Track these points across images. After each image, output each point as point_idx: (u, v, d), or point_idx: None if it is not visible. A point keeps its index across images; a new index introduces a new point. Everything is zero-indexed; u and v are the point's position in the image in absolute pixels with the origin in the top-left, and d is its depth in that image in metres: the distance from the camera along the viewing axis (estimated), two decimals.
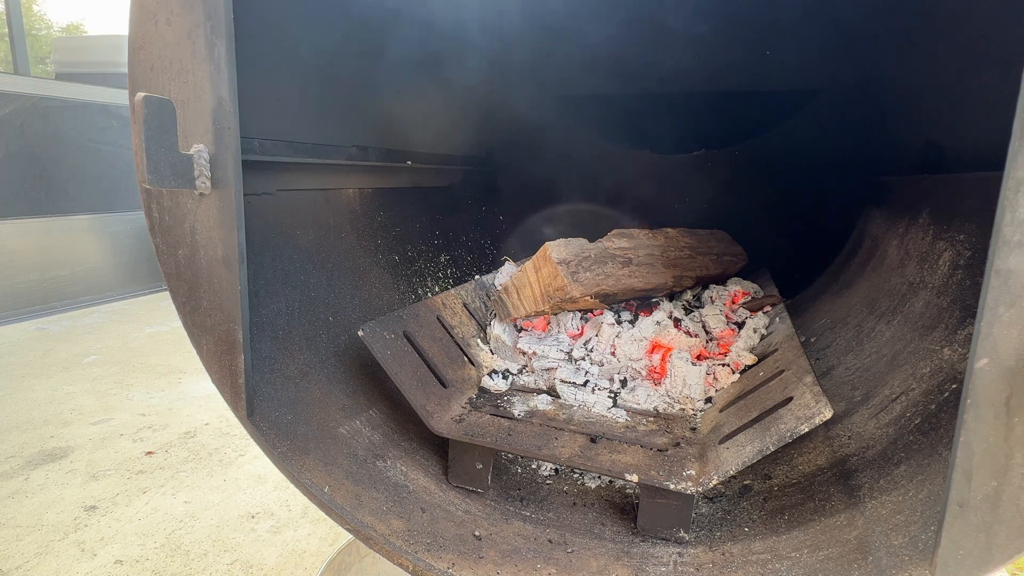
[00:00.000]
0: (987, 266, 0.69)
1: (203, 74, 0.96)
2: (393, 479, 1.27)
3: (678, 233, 2.14)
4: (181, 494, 2.91)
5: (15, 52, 7.03)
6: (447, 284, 2.19)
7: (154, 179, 0.91)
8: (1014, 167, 0.66)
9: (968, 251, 1.31)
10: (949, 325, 1.24)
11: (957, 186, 1.48)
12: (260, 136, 1.34)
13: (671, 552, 1.11)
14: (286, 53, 1.43)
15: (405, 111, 2.05)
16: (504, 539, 1.17)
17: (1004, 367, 0.69)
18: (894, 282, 1.64)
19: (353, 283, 1.68)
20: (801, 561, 0.99)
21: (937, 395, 1.12)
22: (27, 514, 2.73)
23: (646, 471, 1.16)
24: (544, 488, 1.38)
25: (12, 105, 5.89)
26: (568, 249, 1.67)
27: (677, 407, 1.51)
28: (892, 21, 1.87)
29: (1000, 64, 1.31)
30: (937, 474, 0.97)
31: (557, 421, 1.42)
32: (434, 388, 1.43)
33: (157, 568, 2.38)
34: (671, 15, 2.19)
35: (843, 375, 1.48)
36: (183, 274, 1.07)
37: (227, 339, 1.07)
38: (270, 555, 2.47)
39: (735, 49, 2.41)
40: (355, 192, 1.81)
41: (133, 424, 3.68)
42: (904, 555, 0.88)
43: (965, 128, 1.55)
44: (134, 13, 0.98)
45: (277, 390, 1.26)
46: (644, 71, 2.52)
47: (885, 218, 1.95)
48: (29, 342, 5.24)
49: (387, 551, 1.11)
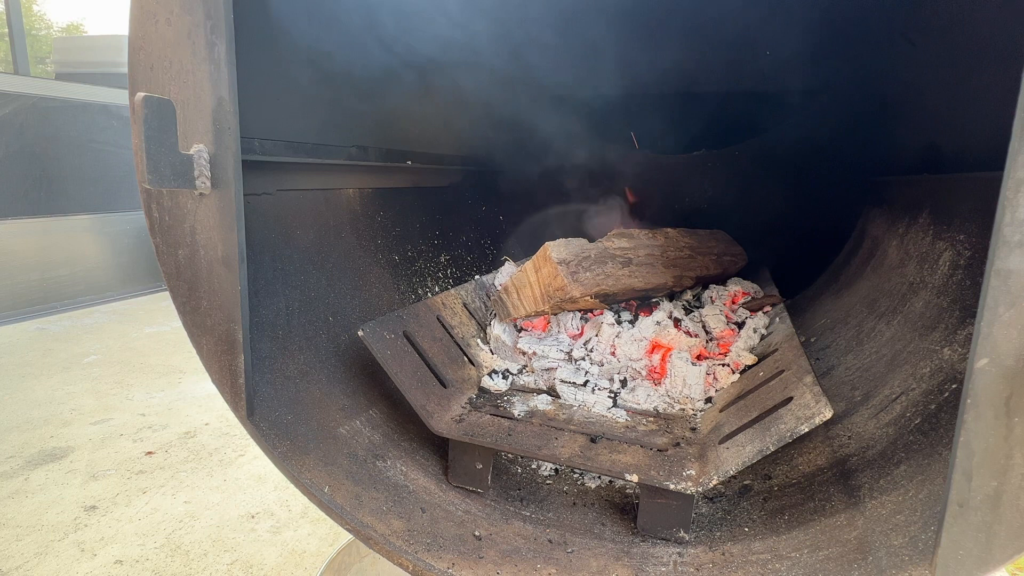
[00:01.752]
0: (987, 266, 0.69)
1: (203, 74, 0.96)
2: (393, 479, 1.27)
3: (678, 233, 2.14)
4: (181, 494, 2.91)
5: (15, 52, 7.03)
6: (447, 284, 2.19)
7: (154, 179, 0.91)
8: (1014, 167, 0.66)
9: (968, 251, 1.31)
10: (949, 325, 1.24)
11: (957, 186, 1.48)
12: (260, 136, 1.34)
13: (671, 552, 1.11)
14: (286, 53, 1.43)
15: (405, 111, 2.05)
16: (504, 539, 1.17)
17: (1004, 367, 0.69)
18: (894, 282, 1.64)
19: (353, 283, 1.68)
20: (801, 561, 0.99)
21: (937, 395, 1.12)
22: (27, 514, 2.73)
23: (646, 471, 1.16)
24: (544, 488, 1.38)
25: (12, 105, 5.89)
26: (568, 249, 1.67)
27: (677, 407, 1.51)
28: (892, 21, 1.87)
29: (1000, 64, 1.31)
30: (937, 474, 0.96)
31: (557, 421, 1.42)
32: (434, 388, 1.43)
33: (157, 568, 2.38)
34: (671, 15, 2.19)
35: (843, 375, 1.48)
36: (183, 274, 1.07)
37: (227, 339, 1.07)
38: (270, 555, 2.47)
39: (735, 49, 2.41)
40: (355, 192, 1.81)
41: (133, 424, 3.68)
42: (904, 555, 0.88)
43: (965, 128, 1.55)
44: (134, 13, 0.98)
45: (277, 390, 1.26)
46: (644, 71, 2.52)
47: (885, 218, 1.95)
48: (29, 342, 5.24)
49: (387, 551, 1.11)
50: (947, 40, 1.60)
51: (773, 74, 2.45)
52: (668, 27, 2.23)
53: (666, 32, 2.26)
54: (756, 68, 2.45)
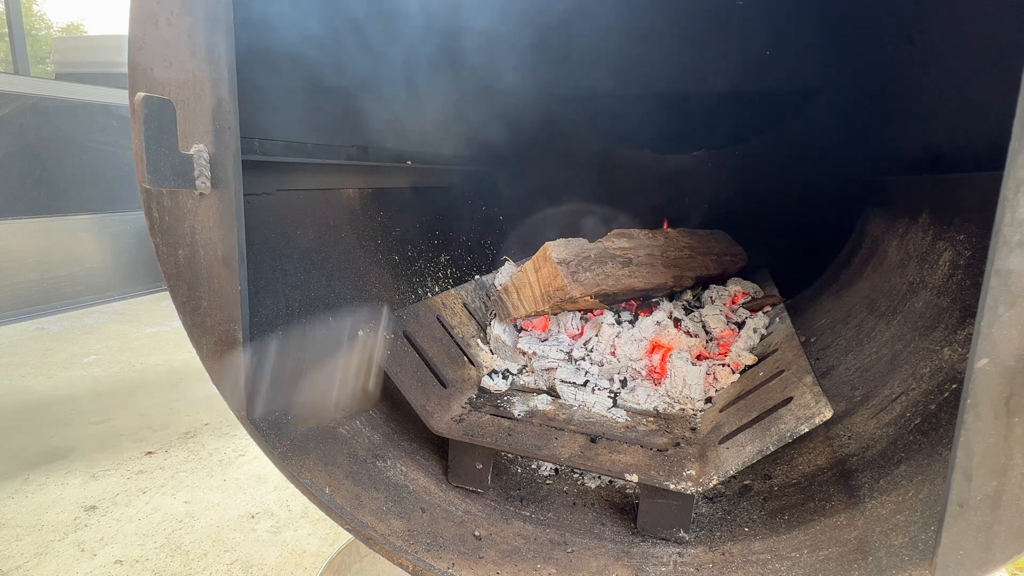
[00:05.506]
0: (987, 266, 0.69)
1: (203, 74, 0.96)
2: (393, 479, 1.27)
3: (678, 233, 2.14)
4: (181, 494, 2.91)
5: (15, 52, 7.02)
6: (447, 284, 2.19)
7: (154, 179, 0.91)
8: (1014, 167, 0.66)
9: (968, 251, 1.31)
10: (949, 325, 1.24)
11: (957, 186, 1.48)
12: (260, 136, 1.34)
13: (671, 552, 1.11)
14: (286, 53, 1.43)
15: (405, 111, 2.05)
16: (504, 539, 1.17)
17: (1004, 367, 0.69)
18: (894, 282, 1.64)
19: (353, 283, 1.68)
20: (801, 561, 0.99)
21: (937, 395, 1.12)
22: (27, 514, 2.72)
23: (646, 471, 1.16)
24: (544, 488, 1.38)
25: (12, 105, 5.88)
26: (568, 249, 1.66)
27: (677, 407, 1.51)
28: (892, 21, 1.87)
29: (1000, 64, 1.31)
30: (937, 474, 0.96)
31: (557, 421, 1.42)
32: (434, 388, 1.43)
33: (157, 568, 2.38)
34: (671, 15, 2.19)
35: (843, 375, 1.48)
36: (183, 274, 1.07)
37: (227, 339, 1.07)
38: (270, 555, 2.47)
39: (735, 49, 2.41)
40: (355, 192, 1.81)
41: (133, 424, 3.68)
42: (904, 555, 0.88)
43: (965, 128, 1.55)
44: (134, 13, 0.98)
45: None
46: (644, 71, 2.52)
47: (885, 218, 1.95)
48: (29, 342, 5.24)
49: (387, 551, 1.11)
50: (947, 40, 1.60)
51: (773, 74, 2.45)
52: (669, 27, 2.23)
53: (667, 32, 2.26)
54: (756, 68, 2.45)
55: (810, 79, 2.43)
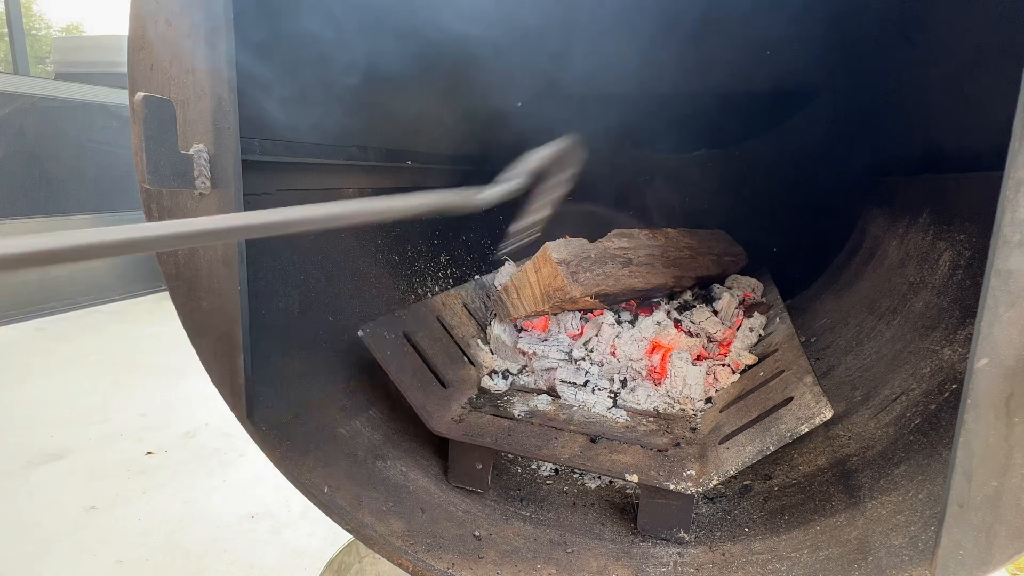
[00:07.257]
0: (987, 266, 0.69)
1: (203, 74, 0.96)
2: (393, 479, 1.27)
3: (678, 233, 2.14)
4: (181, 494, 2.91)
5: (15, 52, 7.02)
6: (447, 284, 2.19)
7: (154, 179, 0.91)
8: (1014, 167, 0.66)
9: (968, 251, 1.31)
10: (949, 325, 1.24)
11: (957, 186, 1.48)
12: (260, 136, 1.33)
13: (671, 552, 1.11)
14: (286, 53, 1.43)
15: (405, 111, 2.05)
16: (504, 539, 1.17)
17: (1004, 367, 0.69)
18: (894, 282, 1.64)
19: (353, 283, 1.68)
20: (801, 561, 0.99)
21: (937, 395, 1.12)
22: (27, 514, 2.72)
23: (646, 471, 1.16)
24: (544, 488, 1.38)
25: (12, 105, 5.88)
26: (568, 249, 1.66)
27: (677, 407, 1.51)
28: (892, 21, 1.87)
29: (1000, 64, 1.30)
30: (937, 474, 0.96)
31: (557, 421, 1.42)
32: (434, 388, 1.43)
33: (157, 568, 2.38)
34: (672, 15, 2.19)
35: (843, 375, 1.48)
36: (183, 274, 1.07)
37: (227, 339, 1.07)
38: (270, 555, 2.47)
39: (735, 49, 2.41)
40: (355, 192, 1.81)
41: (133, 424, 3.68)
42: (904, 555, 0.88)
43: (965, 128, 1.55)
44: (134, 13, 0.98)
45: (277, 390, 1.26)
46: (644, 71, 2.52)
47: (885, 218, 1.95)
48: (29, 342, 5.23)
49: (387, 551, 1.11)
50: (947, 40, 1.60)
51: (773, 74, 2.44)
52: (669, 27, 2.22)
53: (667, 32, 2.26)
54: (756, 68, 2.45)
55: (810, 79, 2.43)
